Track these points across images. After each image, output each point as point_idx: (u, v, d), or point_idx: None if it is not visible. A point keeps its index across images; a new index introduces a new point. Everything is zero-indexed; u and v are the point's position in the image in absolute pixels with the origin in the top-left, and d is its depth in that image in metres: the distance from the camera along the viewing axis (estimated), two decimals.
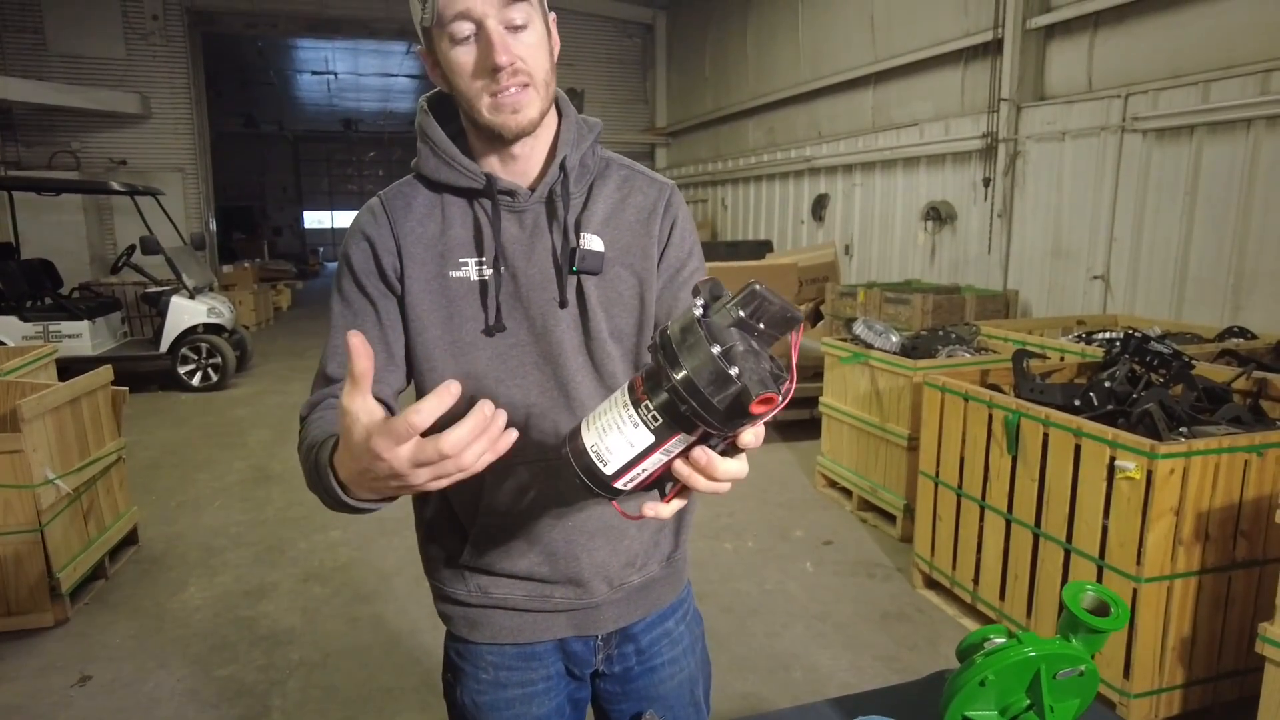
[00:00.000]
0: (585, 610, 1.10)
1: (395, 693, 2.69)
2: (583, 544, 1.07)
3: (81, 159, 11.19)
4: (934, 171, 7.00)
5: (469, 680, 1.12)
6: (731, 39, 10.91)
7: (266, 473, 5.03)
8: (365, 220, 1.04)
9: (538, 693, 1.12)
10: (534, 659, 1.11)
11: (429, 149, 1.04)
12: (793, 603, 3.30)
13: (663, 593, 1.18)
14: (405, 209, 1.03)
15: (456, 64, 0.94)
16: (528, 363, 1.03)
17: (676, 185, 1.14)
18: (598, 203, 1.06)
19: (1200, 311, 4.73)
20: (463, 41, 0.93)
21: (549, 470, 1.04)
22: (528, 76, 0.94)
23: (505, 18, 0.92)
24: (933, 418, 3.22)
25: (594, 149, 1.08)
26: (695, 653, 1.23)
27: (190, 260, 7.83)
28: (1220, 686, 2.46)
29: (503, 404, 0.98)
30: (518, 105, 0.94)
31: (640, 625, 1.16)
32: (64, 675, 2.77)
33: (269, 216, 26.83)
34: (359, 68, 18.53)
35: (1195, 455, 2.27)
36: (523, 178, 1.04)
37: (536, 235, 1.03)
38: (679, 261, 1.10)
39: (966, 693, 1.06)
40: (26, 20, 10.75)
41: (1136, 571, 2.33)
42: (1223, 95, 4.51)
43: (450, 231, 1.02)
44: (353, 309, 1.04)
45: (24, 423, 2.98)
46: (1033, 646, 1.05)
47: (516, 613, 1.09)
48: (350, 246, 1.05)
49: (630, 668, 1.17)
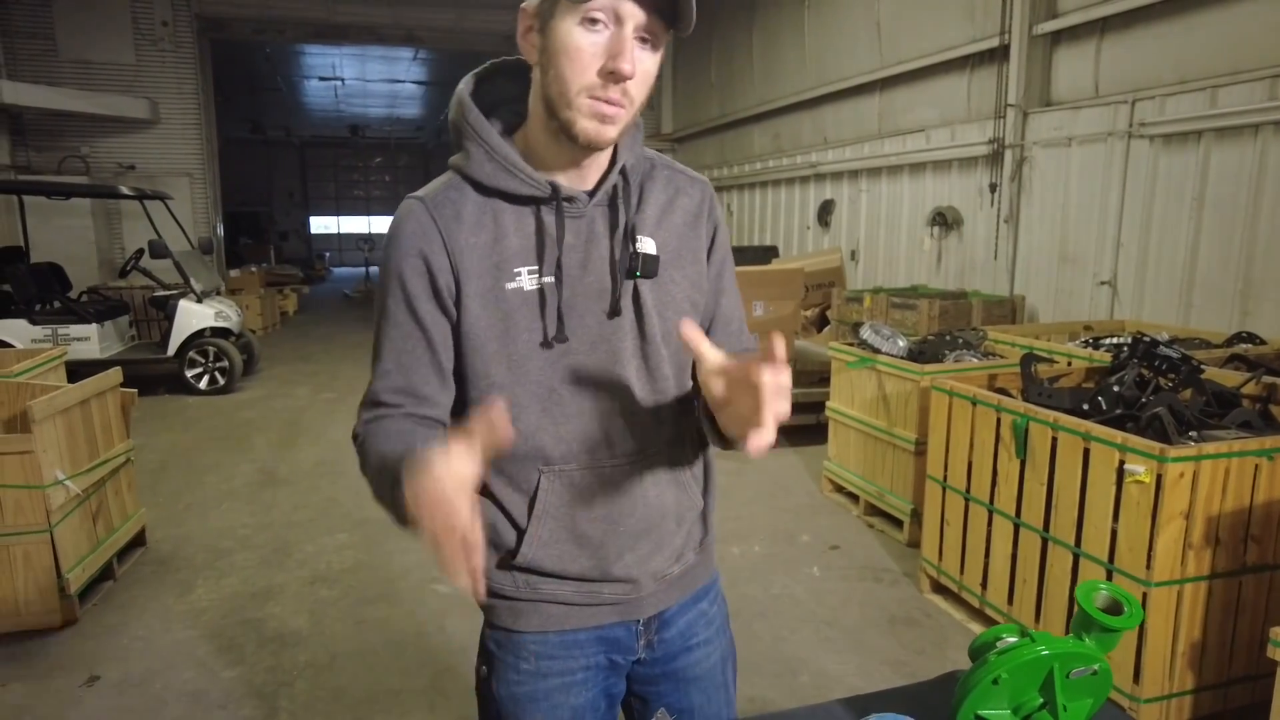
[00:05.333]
0: (629, 602, 1.12)
1: (403, 695, 2.69)
2: (630, 545, 1.08)
3: (91, 163, 11.25)
4: (940, 177, 7.00)
5: (508, 671, 1.11)
6: (737, 45, 10.94)
7: (273, 476, 5.04)
8: (414, 232, 0.98)
9: (576, 683, 1.11)
10: (576, 647, 1.11)
11: (484, 152, 0.99)
12: (800, 607, 3.29)
13: (697, 577, 1.20)
14: (455, 218, 0.98)
15: (574, 46, 0.88)
16: (582, 371, 1.02)
17: (708, 180, 1.15)
18: (649, 205, 1.05)
19: (1208, 317, 4.72)
20: (593, 27, 0.88)
21: (601, 476, 1.05)
22: (630, 100, 0.92)
23: (645, 31, 0.89)
24: (940, 422, 3.21)
25: (642, 150, 1.08)
26: (725, 633, 1.26)
27: (198, 264, 7.87)
28: (1231, 692, 2.45)
29: (556, 412, 1.01)
30: (614, 118, 0.92)
31: (676, 609, 1.17)
32: (73, 675, 2.78)
33: (275, 221, 26.93)
34: (366, 74, 18.62)
35: (1205, 459, 2.27)
36: (581, 182, 1.01)
37: (592, 241, 1.01)
38: (719, 265, 1.13)
39: (979, 691, 1.06)
40: (38, 26, 10.83)
41: (1146, 575, 2.32)
42: (1230, 101, 4.50)
43: (504, 241, 0.99)
44: (402, 332, 1.00)
45: (35, 424, 2.99)
46: (1046, 645, 1.05)
47: (563, 605, 1.10)
48: (401, 263, 0.98)
49: (671, 651, 1.18)
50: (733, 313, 1.17)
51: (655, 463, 1.08)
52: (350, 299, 17.24)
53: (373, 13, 12.52)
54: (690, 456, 1.15)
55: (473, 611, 3.42)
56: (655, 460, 1.08)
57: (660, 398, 1.07)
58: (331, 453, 5.52)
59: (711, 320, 1.15)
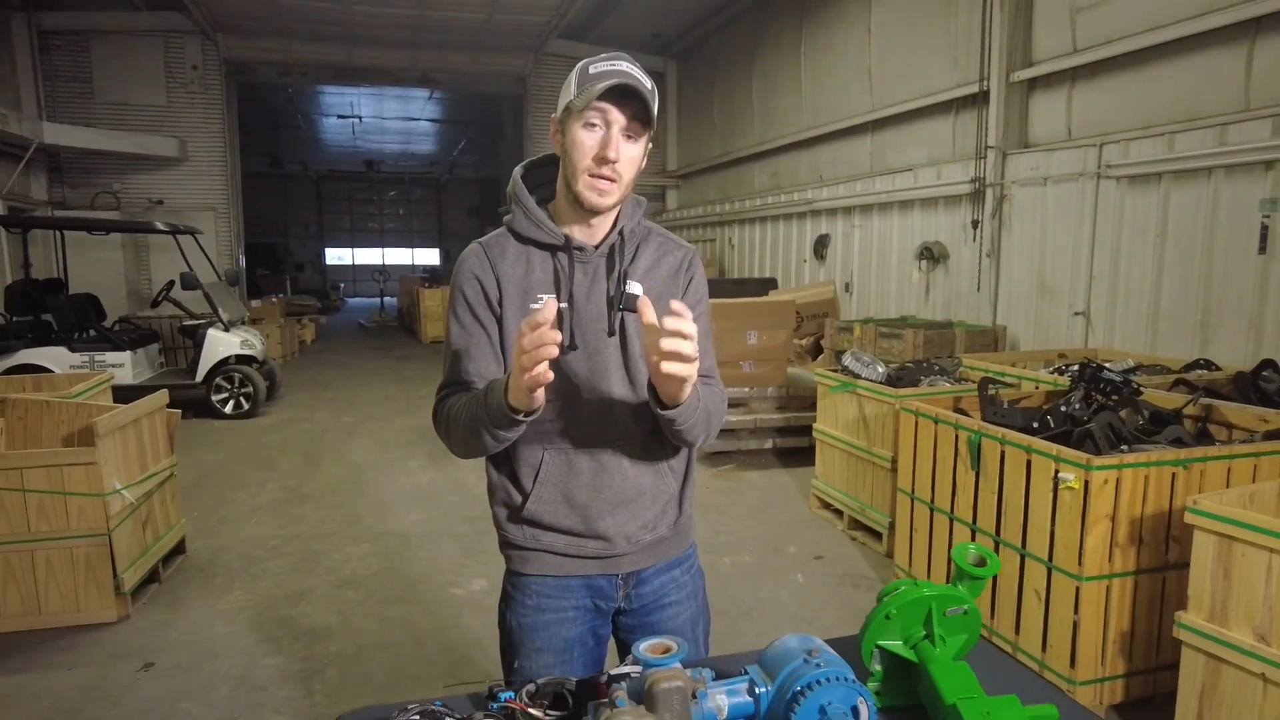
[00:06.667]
0: (609, 558, 1.47)
1: (424, 680, 3.01)
2: (609, 511, 1.44)
3: (122, 199, 11.82)
4: (927, 214, 7.39)
5: (517, 606, 1.48)
6: (738, 88, 11.46)
7: (299, 493, 5.39)
8: (474, 264, 1.40)
9: (567, 619, 1.48)
10: (567, 591, 1.47)
11: (522, 212, 1.40)
12: (783, 609, 3.60)
13: (670, 548, 1.55)
14: (501, 255, 1.39)
15: (581, 143, 1.29)
16: (583, 373, 1.40)
17: (695, 249, 1.56)
18: (641, 260, 1.45)
19: (1173, 345, 5.05)
20: (591, 128, 1.28)
21: (590, 455, 1.42)
22: (619, 177, 1.31)
23: (627, 130, 1.29)
24: (908, 440, 3.55)
25: (641, 220, 1.48)
26: (697, 599, 1.60)
27: (225, 295, 8.31)
28: (1160, 678, 2.74)
29: (564, 406, 1.42)
30: (605, 191, 1.31)
31: (651, 571, 1.52)
32: (130, 662, 3.12)
33: (291, 253, 27.62)
34: (382, 111, 19.32)
35: (1126, 468, 2.60)
36: (591, 238, 1.40)
37: (595, 280, 1.41)
38: (693, 306, 1.50)
39: (876, 625, 1.40)
40: (78, 71, 11.49)
41: (1078, 571, 2.64)
42: (1186, 145, 4.89)
43: (532, 275, 1.39)
44: (468, 331, 1.39)
45: (98, 438, 3.37)
46: (926, 589, 1.39)
47: (557, 555, 1.46)
48: (464, 283, 1.40)
49: (645, 605, 1.53)
50: (699, 343, 1.53)
51: (634, 448, 1.45)
52: (366, 329, 17.69)
53: (390, 56, 13.15)
54: (669, 451, 1.50)
55: (485, 610, 3.78)
56: (635, 446, 1.45)
57: (640, 399, 1.43)
58: (352, 472, 5.88)
59: None
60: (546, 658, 1.47)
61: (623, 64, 1.31)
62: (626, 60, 1.33)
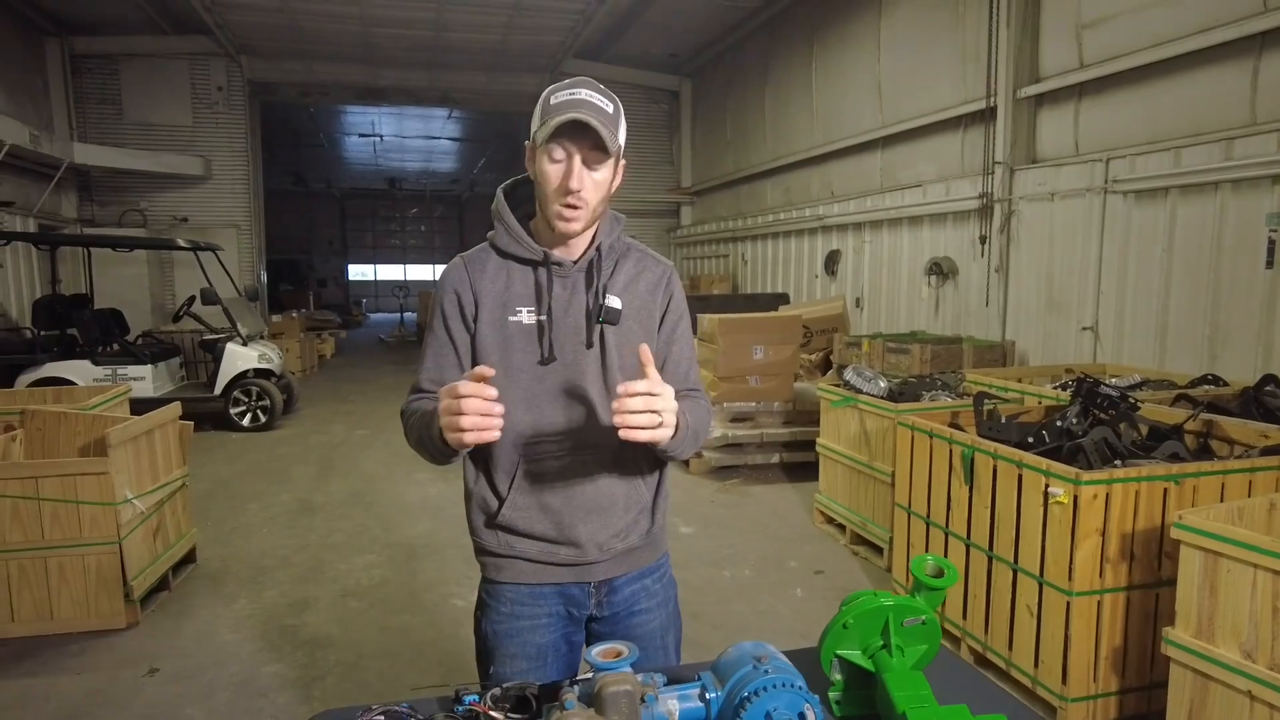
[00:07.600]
0: (581, 565, 1.50)
1: (420, 690, 3.05)
2: (581, 518, 1.48)
3: (148, 216, 12.11)
4: (937, 229, 7.39)
5: (492, 613, 1.52)
6: (750, 105, 11.54)
7: (310, 505, 5.48)
8: (454, 277, 1.47)
9: (541, 626, 1.51)
10: (540, 599, 1.51)
11: (503, 228, 1.46)
12: (780, 622, 3.61)
13: (642, 557, 1.57)
14: (481, 270, 1.46)
15: (546, 174, 1.35)
16: (559, 385, 1.45)
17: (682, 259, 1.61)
18: (620, 275, 1.51)
19: (1181, 361, 5.00)
20: (556, 162, 1.34)
21: (564, 462, 1.46)
22: (584, 204, 1.36)
23: (589, 160, 1.34)
24: (905, 454, 3.56)
25: (620, 237, 1.53)
26: (668, 608, 1.63)
27: (244, 310, 8.49)
28: (1154, 695, 2.72)
29: (540, 415, 1.47)
30: (572, 219, 1.37)
31: (624, 579, 1.55)
32: (136, 667, 3.20)
33: (315, 269, 28.04)
34: (404, 130, 19.61)
35: (1116, 483, 2.60)
36: (569, 254, 1.46)
37: (574, 294, 1.47)
38: (673, 324, 1.57)
39: (834, 634, 1.42)
40: (107, 93, 11.84)
41: (1069, 586, 2.64)
42: (1192, 160, 4.86)
43: (512, 288, 1.45)
44: (440, 342, 1.48)
45: (110, 448, 3.47)
46: (883, 599, 1.41)
47: (530, 562, 1.50)
48: (444, 295, 1.48)
49: (617, 612, 1.56)
50: (681, 358, 1.58)
51: (608, 458, 1.48)
52: (386, 344, 17.89)
53: (411, 76, 13.39)
54: (643, 462, 1.53)
55: None
56: (609, 456, 1.48)
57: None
58: (364, 485, 5.97)
59: (664, 361, 1.55)
60: (520, 664, 1.51)
61: (582, 92, 1.35)
62: (587, 87, 1.37)
